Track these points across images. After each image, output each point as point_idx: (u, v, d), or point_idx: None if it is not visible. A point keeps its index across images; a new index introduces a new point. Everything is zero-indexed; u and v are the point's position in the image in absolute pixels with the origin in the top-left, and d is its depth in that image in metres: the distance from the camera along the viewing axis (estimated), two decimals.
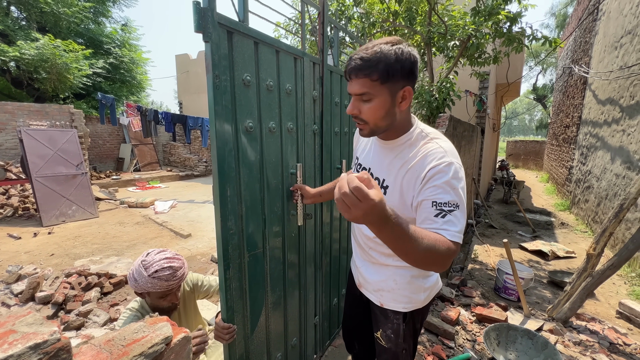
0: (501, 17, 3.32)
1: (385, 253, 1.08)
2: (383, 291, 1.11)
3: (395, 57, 0.83)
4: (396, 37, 0.87)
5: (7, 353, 0.46)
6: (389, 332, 1.14)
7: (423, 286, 1.09)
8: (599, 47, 6.05)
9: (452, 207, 0.82)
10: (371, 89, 0.85)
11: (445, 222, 0.81)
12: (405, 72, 0.85)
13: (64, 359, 0.53)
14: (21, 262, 3.59)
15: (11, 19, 8.89)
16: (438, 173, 0.85)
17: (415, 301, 1.09)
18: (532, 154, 15.58)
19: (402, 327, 1.11)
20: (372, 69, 0.83)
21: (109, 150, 10.77)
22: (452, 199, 0.83)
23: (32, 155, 5.17)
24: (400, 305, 1.09)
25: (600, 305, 3.00)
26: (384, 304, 1.12)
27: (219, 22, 1.00)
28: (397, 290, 1.08)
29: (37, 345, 0.49)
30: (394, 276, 1.09)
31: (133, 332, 0.68)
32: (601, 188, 5.08)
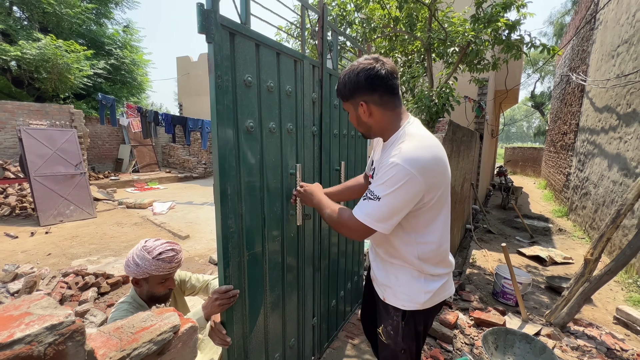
0: (500, 24, 3.36)
1: (389, 252, 1.15)
2: (386, 286, 1.17)
3: (342, 83, 1.07)
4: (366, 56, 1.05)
5: (24, 332, 0.48)
6: (389, 328, 1.17)
7: (424, 288, 1.10)
8: (596, 55, 6.12)
9: (372, 197, 0.99)
10: (346, 105, 1.13)
11: (361, 203, 1.03)
12: (352, 91, 1.05)
13: (78, 340, 0.54)
14: (18, 261, 3.57)
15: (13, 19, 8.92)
16: (382, 168, 1.00)
17: (414, 301, 1.11)
18: (530, 161, 15.66)
19: (401, 324, 1.14)
20: (340, 94, 1.10)
21: (108, 151, 10.76)
22: (377, 192, 0.98)
23: (31, 155, 5.16)
24: (400, 302, 1.13)
25: (597, 310, 3.01)
26: (386, 298, 1.17)
27: (222, 23, 1.02)
28: (398, 287, 1.13)
29: (53, 327, 0.51)
30: (397, 273, 1.14)
31: (141, 321, 0.69)
32: (598, 195, 5.11)
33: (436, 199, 1.02)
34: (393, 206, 0.96)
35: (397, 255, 1.12)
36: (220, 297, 1.14)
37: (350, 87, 1.04)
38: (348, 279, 2.36)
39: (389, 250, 1.14)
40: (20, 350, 0.47)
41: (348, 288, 2.36)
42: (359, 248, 2.56)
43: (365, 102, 1.04)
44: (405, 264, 1.12)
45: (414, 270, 1.11)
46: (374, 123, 1.09)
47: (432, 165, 0.96)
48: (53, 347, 0.50)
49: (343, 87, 1.06)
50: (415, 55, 4.71)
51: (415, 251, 1.08)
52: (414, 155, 0.94)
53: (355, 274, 2.52)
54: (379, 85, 1.01)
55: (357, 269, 2.56)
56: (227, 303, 1.15)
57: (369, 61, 1.02)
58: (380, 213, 0.97)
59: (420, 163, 0.94)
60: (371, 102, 1.04)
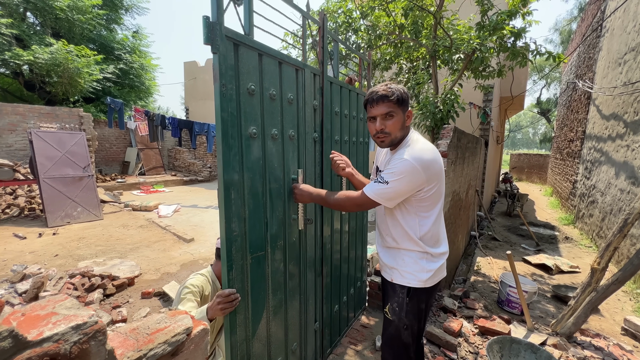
0: (505, 32, 3.37)
1: (396, 238, 1.37)
2: (394, 269, 1.39)
3: (402, 90, 1.27)
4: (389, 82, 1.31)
5: (52, 331, 0.51)
6: (394, 305, 1.37)
7: (426, 267, 1.33)
8: (603, 63, 6.09)
9: (382, 181, 1.23)
10: (394, 109, 1.26)
11: (372, 184, 1.27)
12: (407, 100, 1.29)
13: (100, 340, 0.57)
14: (26, 261, 3.63)
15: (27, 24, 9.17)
16: (392, 161, 1.26)
17: (418, 279, 1.33)
18: (536, 168, 15.50)
19: (405, 301, 1.35)
20: (392, 96, 1.25)
21: (115, 154, 10.92)
22: (387, 178, 1.22)
23: (40, 157, 5.27)
24: (405, 280, 1.34)
25: (605, 321, 2.96)
26: (394, 279, 1.38)
27: (227, 35, 1.05)
28: (404, 268, 1.35)
29: (78, 326, 0.54)
30: (403, 257, 1.37)
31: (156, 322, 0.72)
32: (606, 203, 5.04)
33: (433, 191, 1.28)
34: (397, 189, 1.22)
35: (403, 238, 1.35)
36: (222, 301, 1.16)
37: (406, 97, 1.28)
38: (351, 284, 2.36)
39: (397, 236, 1.36)
40: (49, 347, 0.49)
41: (351, 294, 2.36)
42: (362, 254, 2.56)
43: (411, 112, 1.31)
44: (410, 247, 1.34)
45: (417, 252, 1.34)
46: (404, 130, 1.31)
47: (431, 163, 1.24)
48: (78, 345, 0.52)
49: (403, 94, 1.26)
50: (420, 62, 4.73)
51: (417, 231, 1.32)
52: (419, 154, 1.22)
53: (359, 280, 2.51)
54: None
55: (360, 275, 2.55)
56: (229, 307, 1.17)
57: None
58: (386, 193, 1.23)
59: (423, 161, 1.21)
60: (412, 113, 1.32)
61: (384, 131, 1.28)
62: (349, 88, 2.06)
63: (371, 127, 1.33)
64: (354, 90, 2.14)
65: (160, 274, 3.49)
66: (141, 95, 12.74)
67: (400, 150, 1.29)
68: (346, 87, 2.02)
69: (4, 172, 5.23)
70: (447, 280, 3.34)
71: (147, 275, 3.45)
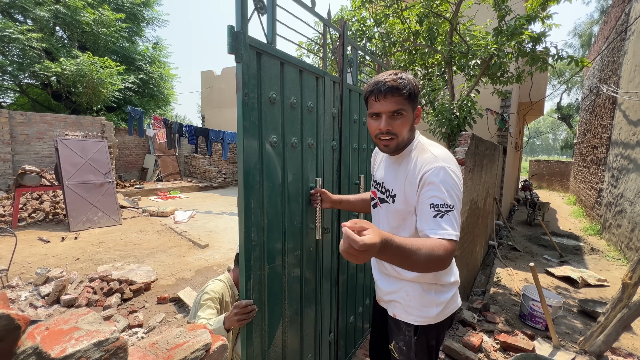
0: (524, 37, 3.30)
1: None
2: (395, 302, 1.16)
3: (414, 81, 1.03)
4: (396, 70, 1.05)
5: (75, 348, 0.51)
6: (401, 344, 1.16)
7: (435, 300, 1.10)
8: (629, 66, 5.85)
9: (448, 208, 0.93)
10: (404, 105, 1.02)
11: (442, 222, 0.92)
12: (418, 95, 1.05)
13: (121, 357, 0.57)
14: (49, 265, 3.76)
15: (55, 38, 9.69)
16: (431, 177, 0.97)
17: (426, 315, 1.10)
18: (557, 175, 14.95)
19: (413, 340, 1.12)
20: (404, 90, 1.00)
21: (135, 161, 11.26)
22: (447, 201, 0.93)
23: (65, 164, 5.49)
24: (411, 317, 1.12)
25: (638, 340, 2.77)
26: (397, 314, 1.16)
27: (250, 44, 1.06)
28: (409, 303, 1.12)
29: (100, 343, 0.54)
30: (406, 288, 1.13)
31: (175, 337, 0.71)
32: (635, 212, 4.78)
33: None
34: (460, 207, 0.97)
35: None
36: (239, 312, 1.15)
37: (418, 91, 1.05)
38: (366, 295, 2.31)
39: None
40: None
41: (366, 304, 2.31)
42: None
43: (420, 109, 1.08)
44: (415, 278, 1.10)
45: (423, 283, 1.10)
46: (410, 133, 1.08)
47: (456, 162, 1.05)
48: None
49: (415, 87, 1.03)
50: (435, 68, 4.68)
51: None
52: (448, 156, 1.02)
53: (374, 291, 2.46)
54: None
55: None
56: (245, 318, 1.15)
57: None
58: (457, 220, 0.94)
59: (455, 163, 1.03)
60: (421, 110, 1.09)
61: (391, 132, 1.03)
62: None
63: (372, 125, 1.06)
64: None
65: (176, 280, 3.53)
66: (160, 103, 13.17)
67: (420, 157, 1.04)
68: None
69: (31, 178, 5.47)
70: (465, 292, 3.23)
71: (163, 281, 3.50)
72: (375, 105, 1.03)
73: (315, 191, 1.47)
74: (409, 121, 1.04)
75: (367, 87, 1.06)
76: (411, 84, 1.01)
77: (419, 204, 0.99)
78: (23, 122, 6.87)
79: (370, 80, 1.05)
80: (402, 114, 1.02)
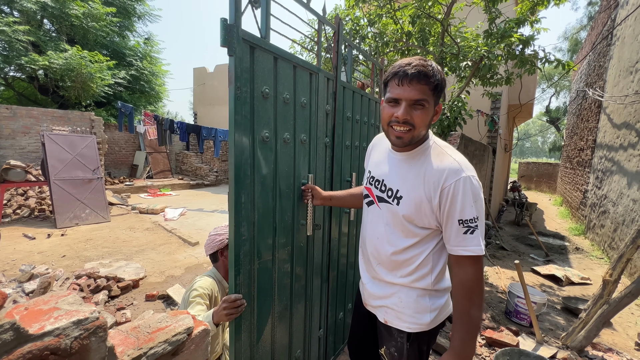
0: (514, 39, 3.36)
1: (390, 270, 1.09)
2: (387, 308, 1.11)
3: (443, 75, 0.95)
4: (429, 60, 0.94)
5: (54, 326, 0.51)
6: (392, 350, 1.12)
7: (430, 306, 1.05)
8: (614, 71, 6.03)
9: (476, 222, 0.91)
10: (428, 96, 0.92)
11: (473, 238, 0.91)
12: (443, 89, 0.96)
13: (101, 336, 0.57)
14: (34, 261, 3.67)
15: (43, 31, 9.45)
16: (459, 189, 0.91)
17: (420, 322, 1.06)
18: (545, 177, 15.30)
19: (405, 346, 1.08)
20: (432, 79, 0.91)
21: (124, 157, 11.07)
22: (475, 214, 0.91)
23: (52, 159, 5.37)
24: (405, 324, 1.07)
25: (617, 335, 2.87)
26: (388, 321, 1.11)
27: (243, 37, 1.06)
28: (402, 309, 1.07)
29: (80, 321, 0.54)
30: (399, 294, 1.08)
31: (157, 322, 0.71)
32: (618, 213, 4.93)
33: None
34: (483, 216, 0.94)
35: (405, 269, 1.06)
36: (228, 306, 1.15)
37: (444, 85, 0.95)
38: (356, 291, 2.33)
39: (396, 266, 1.07)
40: (50, 342, 0.49)
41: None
42: None
43: (441, 106, 1.00)
44: (409, 283, 1.06)
45: (418, 289, 1.05)
46: (427, 129, 0.99)
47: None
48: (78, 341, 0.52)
49: (442, 80, 0.94)
50: None
51: (432, 263, 1.04)
52: (469, 164, 0.96)
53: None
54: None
55: None
56: (234, 313, 1.15)
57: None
58: (483, 231, 0.93)
59: (474, 169, 0.97)
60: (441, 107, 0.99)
61: (409, 122, 0.93)
62: (361, 93, 2.07)
63: (388, 111, 0.95)
64: (366, 95, 2.15)
65: (165, 277, 3.50)
66: (151, 100, 12.96)
67: (437, 160, 0.96)
68: (358, 92, 2.03)
69: (16, 174, 5.33)
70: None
71: (152, 278, 3.46)
72: (396, 89, 0.92)
73: (306, 187, 1.48)
74: (429, 115, 0.95)
75: (391, 69, 0.94)
76: (440, 75, 0.93)
77: (446, 216, 0.94)
78: (8, 116, 6.69)
79: (395, 63, 0.95)
80: (424, 105, 0.92)
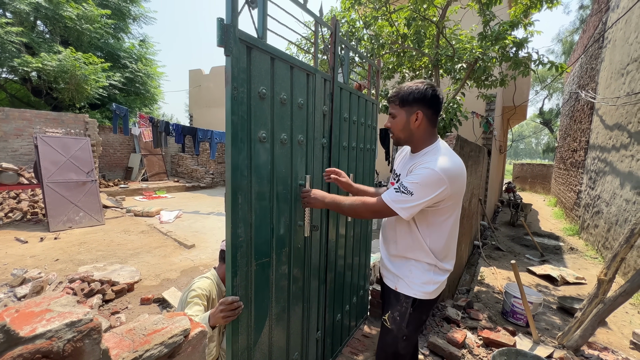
0: (508, 42, 3.40)
1: (406, 248, 1.34)
2: (399, 278, 1.36)
3: (409, 91, 1.24)
4: (424, 80, 1.27)
5: (46, 328, 0.49)
6: (395, 314, 1.33)
7: (433, 279, 1.31)
8: (606, 73, 6.12)
9: (405, 191, 1.17)
10: (395, 110, 1.29)
11: (394, 193, 1.20)
12: (415, 100, 1.23)
13: (95, 339, 0.55)
14: (26, 265, 3.61)
15: (36, 33, 9.36)
16: (417, 168, 1.21)
17: (425, 290, 1.30)
18: (540, 177, 15.45)
19: (409, 311, 1.31)
20: (397, 96, 1.27)
21: (119, 159, 10.97)
22: (410, 188, 1.17)
23: (45, 161, 5.30)
24: (412, 291, 1.31)
25: (612, 334, 2.89)
26: (398, 288, 1.35)
27: (240, 37, 1.06)
28: (411, 278, 1.32)
29: (73, 323, 0.52)
30: (411, 267, 1.34)
31: (153, 324, 0.70)
32: (611, 213, 4.99)
33: (452, 202, 1.25)
34: (420, 200, 1.16)
35: (413, 248, 1.31)
36: (225, 309, 1.14)
37: (415, 96, 1.23)
38: (354, 293, 2.33)
39: (407, 245, 1.33)
40: (41, 345, 0.48)
41: (353, 302, 2.33)
42: (366, 261, 2.53)
43: (422, 113, 1.25)
44: (419, 258, 1.31)
45: (426, 264, 1.31)
46: (417, 132, 1.29)
47: (458, 176, 1.21)
48: (71, 343, 0.51)
49: (408, 94, 1.24)
50: (422, 71, 4.76)
51: (430, 243, 1.29)
52: (447, 166, 1.18)
53: (361, 288, 2.48)
54: (436, 104, 1.26)
55: (363, 283, 2.52)
56: (231, 315, 1.14)
57: (432, 84, 1.25)
58: (407, 204, 1.18)
59: (450, 172, 1.17)
60: (425, 115, 1.26)
61: (390, 129, 1.35)
62: (358, 94, 2.07)
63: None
64: (362, 96, 2.15)
65: (160, 280, 3.46)
66: (146, 102, 12.89)
67: (425, 158, 1.25)
68: (355, 93, 2.03)
69: (8, 176, 5.25)
70: (450, 290, 3.29)
71: (147, 281, 3.42)
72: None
73: (329, 171, 1.54)
74: (401, 122, 1.28)
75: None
76: (404, 91, 1.24)
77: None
78: (0, 119, 6.60)
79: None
80: (394, 116, 1.30)
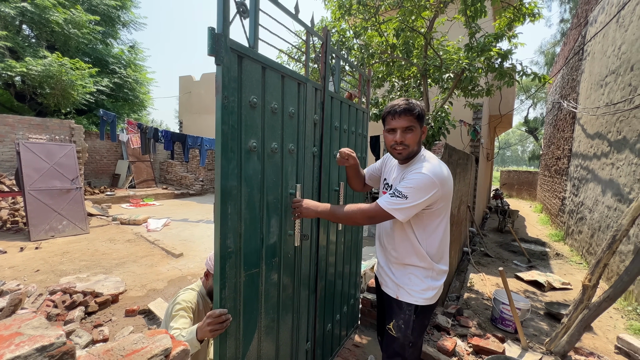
0: (493, 53, 3.51)
1: (403, 253, 1.38)
2: (399, 286, 1.40)
3: (422, 106, 1.34)
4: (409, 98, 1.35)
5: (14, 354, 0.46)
6: (400, 323, 1.38)
7: (432, 285, 1.37)
8: (586, 84, 6.37)
9: (400, 195, 1.23)
10: (414, 123, 1.31)
11: (389, 198, 1.25)
12: (424, 117, 1.35)
13: None
14: (4, 277, 3.46)
15: (22, 37, 9.15)
16: (409, 174, 1.28)
17: (425, 297, 1.35)
18: (526, 184, 15.81)
19: (412, 318, 1.36)
20: (415, 111, 1.30)
21: (106, 166, 10.74)
22: (405, 192, 1.23)
23: (27, 168, 5.14)
24: (413, 299, 1.36)
25: (598, 339, 2.95)
26: (400, 296, 1.39)
27: (231, 47, 1.06)
28: (411, 287, 1.37)
29: (44, 348, 0.50)
30: (409, 275, 1.39)
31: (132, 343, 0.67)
32: (594, 220, 5.14)
33: (443, 205, 1.32)
34: (416, 203, 1.23)
35: (410, 253, 1.36)
36: (213, 322, 1.10)
37: (424, 114, 1.34)
38: (344, 302, 2.31)
39: (404, 250, 1.38)
40: None
41: (344, 311, 2.31)
42: (356, 270, 2.52)
43: (426, 128, 1.39)
44: (416, 263, 1.36)
45: (423, 269, 1.37)
46: (418, 146, 1.36)
47: (447, 179, 1.29)
48: None
49: (422, 110, 1.33)
50: (411, 80, 4.86)
51: (426, 246, 1.35)
52: (437, 170, 1.27)
53: (352, 297, 2.47)
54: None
55: (354, 292, 2.51)
56: (219, 328, 1.11)
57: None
58: (405, 207, 1.23)
59: (441, 176, 1.26)
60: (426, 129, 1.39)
61: (404, 143, 1.32)
62: (348, 103, 2.09)
63: (389, 138, 1.36)
64: (353, 105, 2.17)
65: (147, 291, 3.37)
66: (135, 108, 12.70)
67: (415, 165, 1.33)
68: (346, 102, 2.05)
69: None
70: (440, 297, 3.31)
71: (133, 292, 3.32)
72: (391, 122, 1.33)
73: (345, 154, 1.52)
74: (418, 135, 1.33)
75: (385, 109, 1.37)
76: (420, 108, 1.32)
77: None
78: None
79: (387, 105, 1.36)
80: (412, 130, 1.32)
